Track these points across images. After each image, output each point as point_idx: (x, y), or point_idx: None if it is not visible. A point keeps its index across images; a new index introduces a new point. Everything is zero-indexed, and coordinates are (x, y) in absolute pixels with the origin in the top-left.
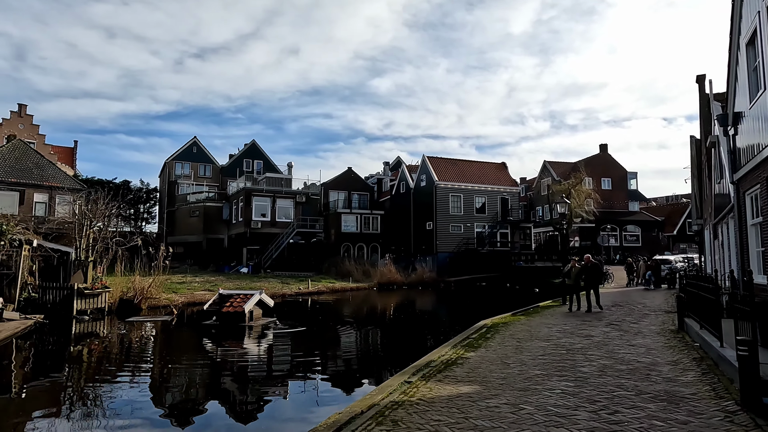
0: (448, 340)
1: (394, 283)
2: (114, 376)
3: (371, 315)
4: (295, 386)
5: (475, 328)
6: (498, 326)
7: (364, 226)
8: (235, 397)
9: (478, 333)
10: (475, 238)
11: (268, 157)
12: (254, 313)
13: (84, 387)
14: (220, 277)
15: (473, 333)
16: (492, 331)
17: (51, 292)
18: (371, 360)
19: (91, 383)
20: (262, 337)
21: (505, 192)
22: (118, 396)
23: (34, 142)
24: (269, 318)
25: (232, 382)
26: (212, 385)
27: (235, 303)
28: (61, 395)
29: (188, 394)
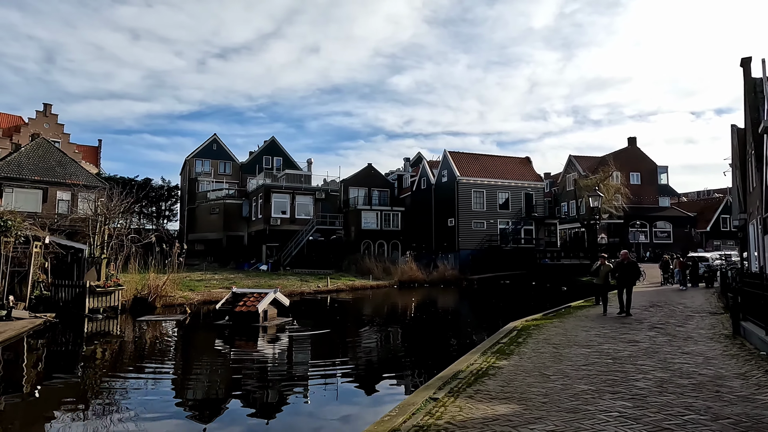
0: (476, 346)
1: (415, 281)
2: (117, 378)
3: (392, 314)
4: (308, 397)
5: (505, 332)
6: (529, 329)
7: (384, 223)
8: (246, 403)
9: (509, 337)
10: (498, 235)
11: (287, 153)
12: (269, 313)
13: (86, 389)
14: (239, 274)
15: (503, 337)
16: (523, 335)
17: (63, 290)
18: (392, 366)
19: (94, 386)
20: (276, 339)
21: (530, 187)
22: (120, 399)
23: (59, 141)
24: (285, 318)
25: (241, 387)
26: (213, 398)
27: (249, 302)
28: (64, 397)
29: (193, 404)
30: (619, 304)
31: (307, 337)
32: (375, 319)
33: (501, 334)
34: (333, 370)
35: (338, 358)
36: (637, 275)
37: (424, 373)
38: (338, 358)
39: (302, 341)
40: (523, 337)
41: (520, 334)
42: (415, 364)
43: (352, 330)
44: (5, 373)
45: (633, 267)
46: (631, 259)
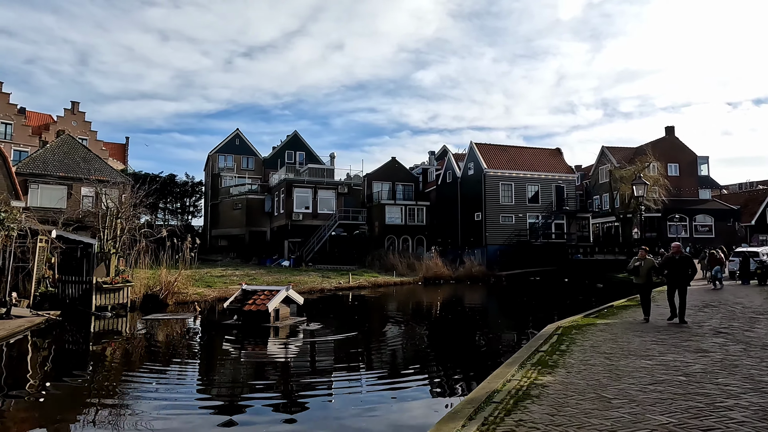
0: (513, 354)
1: (441, 278)
2: (102, 387)
3: (415, 313)
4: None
5: (544, 336)
6: (571, 333)
7: (408, 218)
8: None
9: (549, 344)
10: (527, 230)
11: (310, 148)
12: (281, 312)
13: (64, 399)
14: (260, 270)
15: (543, 343)
16: (566, 341)
17: (70, 287)
18: (413, 376)
19: (76, 395)
20: (286, 342)
21: (561, 180)
22: (101, 411)
23: (87, 139)
24: (298, 317)
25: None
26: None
27: (258, 301)
28: (46, 406)
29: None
30: (670, 308)
31: (322, 341)
32: (396, 319)
33: (540, 340)
34: (341, 382)
35: (352, 364)
36: (692, 272)
37: (450, 390)
38: (352, 364)
39: (316, 344)
40: (566, 343)
41: (562, 339)
42: (441, 376)
43: (369, 331)
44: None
45: (687, 263)
46: (685, 252)
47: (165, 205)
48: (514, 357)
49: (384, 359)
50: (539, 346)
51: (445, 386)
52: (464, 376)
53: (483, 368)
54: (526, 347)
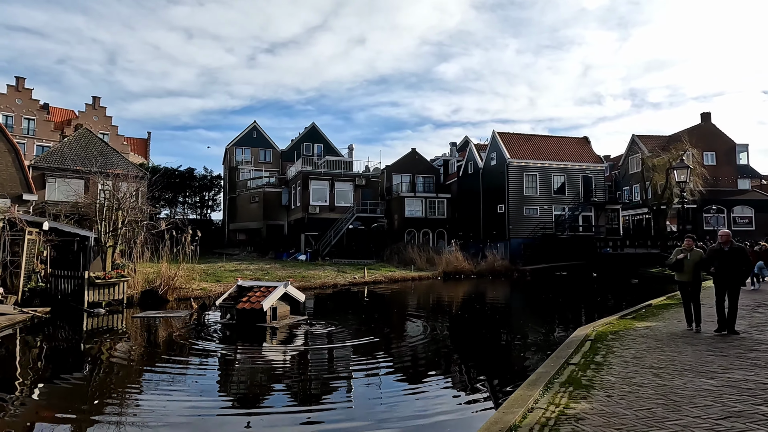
0: (536, 369)
1: (462, 272)
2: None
3: (432, 311)
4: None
5: (574, 343)
6: (607, 339)
7: (429, 211)
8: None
9: (582, 353)
10: (553, 222)
11: (328, 140)
12: (278, 311)
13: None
14: (275, 264)
15: (573, 353)
16: (602, 350)
17: (62, 282)
18: (420, 394)
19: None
20: (282, 345)
21: (588, 170)
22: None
23: (108, 134)
24: (299, 316)
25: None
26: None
27: (253, 298)
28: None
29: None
30: (718, 316)
31: (324, 348)
32: (410, 318)
33: (569, 349)
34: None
35: (346, 373)
36: (747, 269)
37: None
38: (346, 373)
39: (313, 349)
40: (602, 353)
41: (596, 347)
42: (450, 398)
43: (380, 331)
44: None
45: (739, 256)
46: (736, 243)
47: (184, 199)
48: (538, 372)
49: (385, 366)
50: (569, 357)
51: (463, 405)
52: (481, 412)
53: (506, 378)
54: (552, 358)
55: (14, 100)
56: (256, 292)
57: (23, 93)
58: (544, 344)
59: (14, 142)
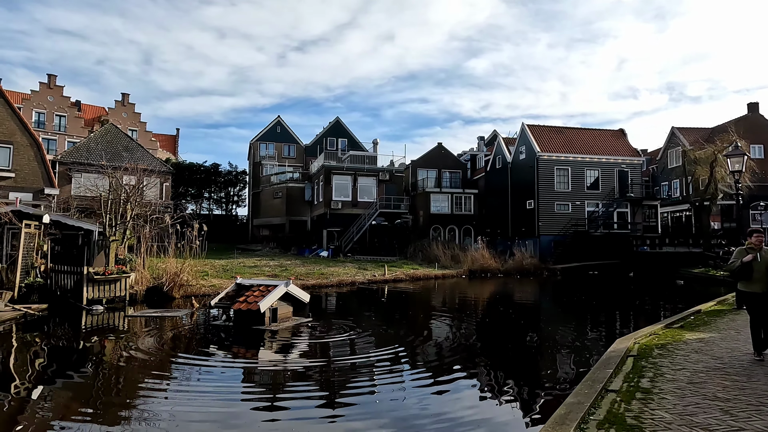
0: (560, 405)
1: (488, 271)
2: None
3: (456, 311)
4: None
5: (612, 360)
6: (653, 355)
7: (455, 207)
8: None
9: (624, 377)
10: (585, 219)
11: (352, 134)
12: (279, 312)
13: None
14: (296, 260)
15: (613, 375)
16: (649, 371)
17: (62, 278)
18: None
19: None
20: (279, 353)
21: (624, 163)
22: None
23: (136, 130)
24: (302, 318)
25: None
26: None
27: (251, 298)
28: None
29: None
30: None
31: (323, 363)
32: (432, 319)
33: (608, 368)
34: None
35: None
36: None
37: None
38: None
39: (310, 355)
40: (649, 375)
41: (641, 367)
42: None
43: (394, 335)
44: None
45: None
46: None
47: (210, 195)
48: (567, 404)
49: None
50: (608, 381)
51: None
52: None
53: (534, 382)
54: (586, 382)
55: (46, 97)
56: (254, 291)
57: (55, 90)
58: (578, 350)
59: (37, 136)
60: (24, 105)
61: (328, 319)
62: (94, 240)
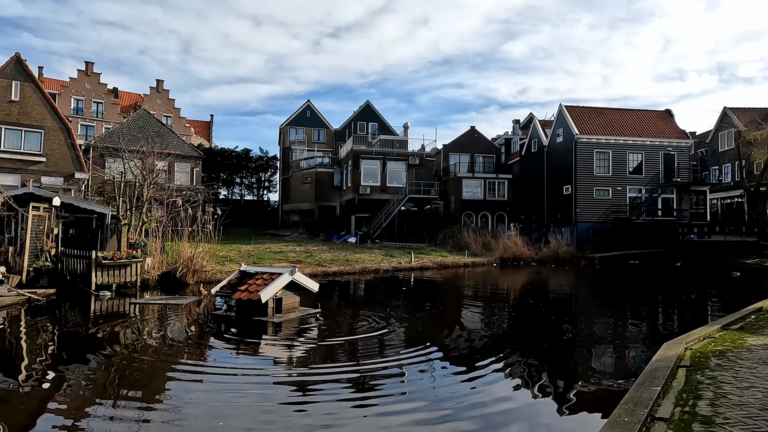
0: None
1: (521, 259)
2: None
3: (487, 300)
4: None
5: (660, 373)
6: (710, 366)
7: (488, 193)
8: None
9: (675, 397)
10: (627, 205)
11: (382, 118)
12: (284, 302)
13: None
14: (322, 246)
15: (661, 394)
16: (707, 389)
17: (74, 262)
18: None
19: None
20: (283, 350)
21: (671, 146)
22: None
23: (171, 116)
24: (309, 309)
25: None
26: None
27: (253, 287)
28: None
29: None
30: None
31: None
32: (438, 314)
33: (654, 385)
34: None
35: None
36: None
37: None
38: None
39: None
40: (708, 394)
41: (697, 382)
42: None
43: (391, 335)
44: None
45: None
46: None
47: (241, 180)
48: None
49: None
50: (654, 404)
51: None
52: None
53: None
54: (626, 405)
55: (84, 84)
56: (257, 279)
57: (92, 77)
58: (617, 346)
59: (66, 120)
60: (63, 92)
61: (340, 310)
62: (107, 224)
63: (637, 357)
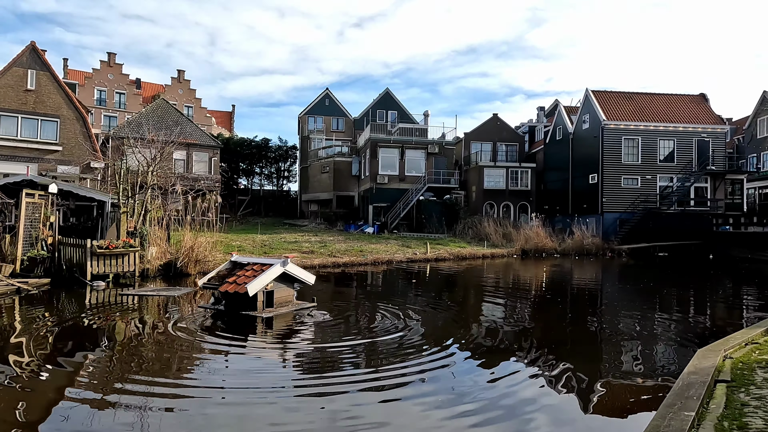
0: None
1: (543, 250)
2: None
3: (493, 299)
4: None
5: (694, 389)
6: (755, 380)
7: (511, 182)
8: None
9: (715, 426)
10: (657, 195)
11: (402, 106)
12: (276, 296)
13: None
14: (339, 236)
15: (696, 420)
16: (754, 411)
17: (71, 251)
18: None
19: None
20: (268, 351)
21: (705, 132)
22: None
23: (192, 106)
24: (304, 303)
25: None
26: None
27: (241, 279)
28: None
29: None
30: None
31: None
32: (440, 313)
33: (688, 409)
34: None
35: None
36: None
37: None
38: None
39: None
40: (758, 423)
41: (741, 408)
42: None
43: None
44: None
45: None
46: None
47: (261, 170)
48: None
49: None
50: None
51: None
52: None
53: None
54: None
55: (107, 75)
56: (247, 270)
57: (114, 68)
58: (645, 339)
59: (82, 109)
60: (86, 83)
61: (336, 305)
62: (107, 212)
63: (667, 355)
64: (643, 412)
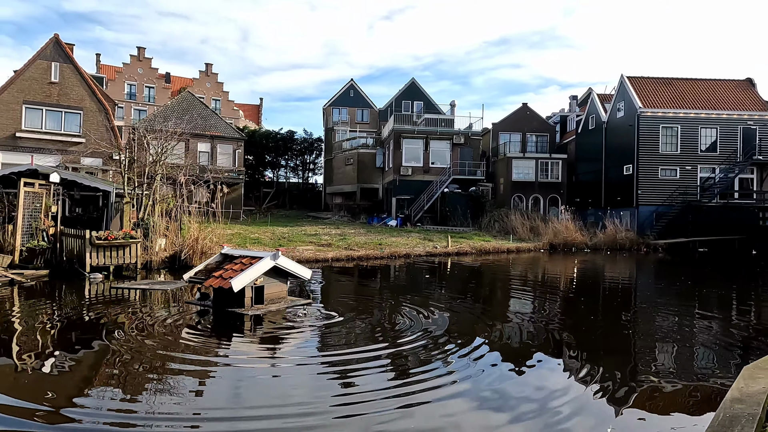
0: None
1: (572, 245)
2: None
3: (536, 292)
4: None
5: (741, 424)
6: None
7: (541, 174)
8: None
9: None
10: (697, 187)
11: (428, 96)
12: (267, 291)
13: None
14: (360, 229)
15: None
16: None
17: (73, 242)
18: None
19: None
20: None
21: (752, 120)
22: None
23: (219, 99)
24: (298, 299)
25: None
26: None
27: (227, 273)
28: None
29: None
30: None
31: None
32: (436, 318)
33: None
34: None
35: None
36: None
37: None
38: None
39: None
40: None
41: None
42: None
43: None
44: None
45: None
46: None
47: (286, 163)
48: None
49: None
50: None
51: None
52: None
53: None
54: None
55: (136, 69)
56: (235, 264)
57: (144, 62)
58: (680, 341)
59: (104, 102)
60: (116, 78)
61: (333, 302)
62: (111, 202)
63: (706, 357)
64: (677, 413)
